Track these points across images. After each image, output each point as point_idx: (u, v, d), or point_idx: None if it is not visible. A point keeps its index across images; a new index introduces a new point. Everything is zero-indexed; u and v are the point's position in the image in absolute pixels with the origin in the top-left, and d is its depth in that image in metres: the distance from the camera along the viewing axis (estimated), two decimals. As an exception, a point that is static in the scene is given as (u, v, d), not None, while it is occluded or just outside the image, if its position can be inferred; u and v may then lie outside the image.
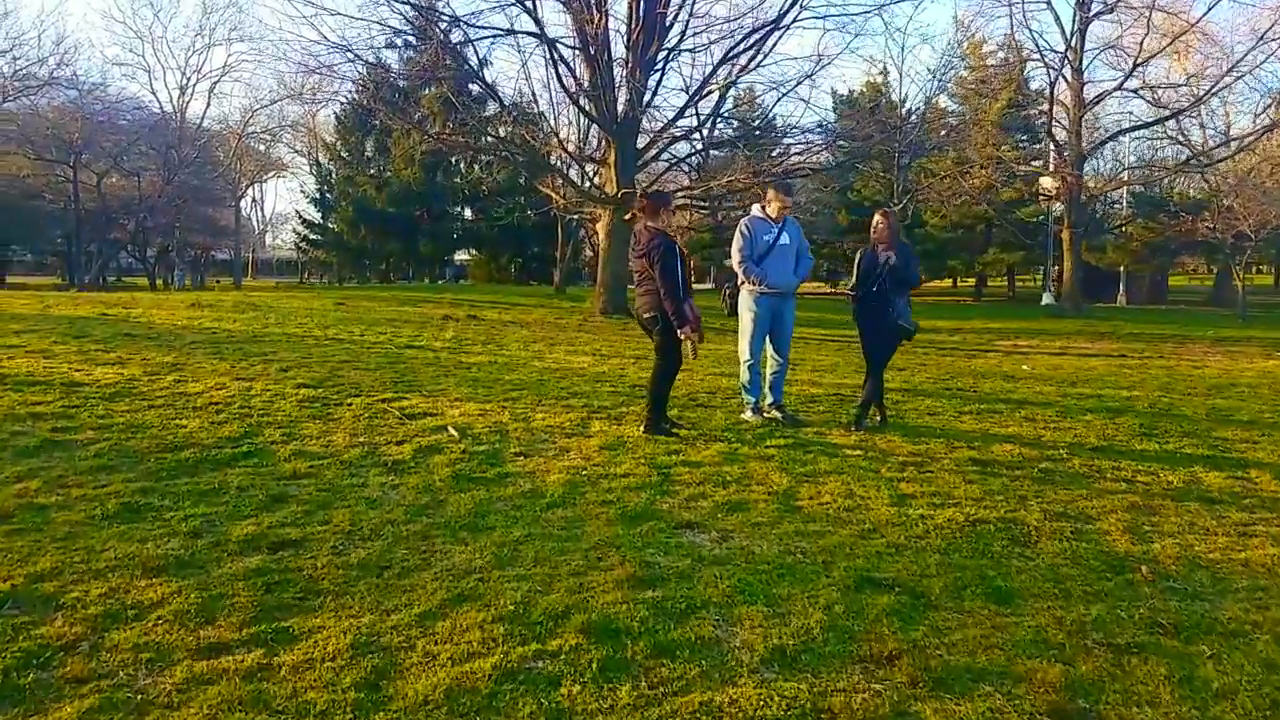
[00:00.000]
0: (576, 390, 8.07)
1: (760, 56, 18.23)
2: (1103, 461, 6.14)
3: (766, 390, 7.09)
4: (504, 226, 35.15)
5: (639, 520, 4.47)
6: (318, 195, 43.74)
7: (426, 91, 30.63)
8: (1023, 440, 6.78)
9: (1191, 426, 7.67)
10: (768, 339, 6.99)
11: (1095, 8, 22.65)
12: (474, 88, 23.59)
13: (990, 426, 7.31)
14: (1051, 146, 22.83)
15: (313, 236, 43.93)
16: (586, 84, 18.00)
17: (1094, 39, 23.63)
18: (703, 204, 28.62)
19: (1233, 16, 49.17)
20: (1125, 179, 27.22)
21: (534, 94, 22.69)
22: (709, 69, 18.92)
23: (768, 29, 17.98)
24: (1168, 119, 22.63)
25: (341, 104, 38.82)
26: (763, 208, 6.99)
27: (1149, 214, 35.46)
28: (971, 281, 48.60)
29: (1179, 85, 21.82)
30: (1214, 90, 21.68)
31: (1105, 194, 27.53)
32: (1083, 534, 4.60)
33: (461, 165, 39.18)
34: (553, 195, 21.43)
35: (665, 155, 21.66)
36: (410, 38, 23.71)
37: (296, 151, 54.76)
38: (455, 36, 18.37)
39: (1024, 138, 37.57)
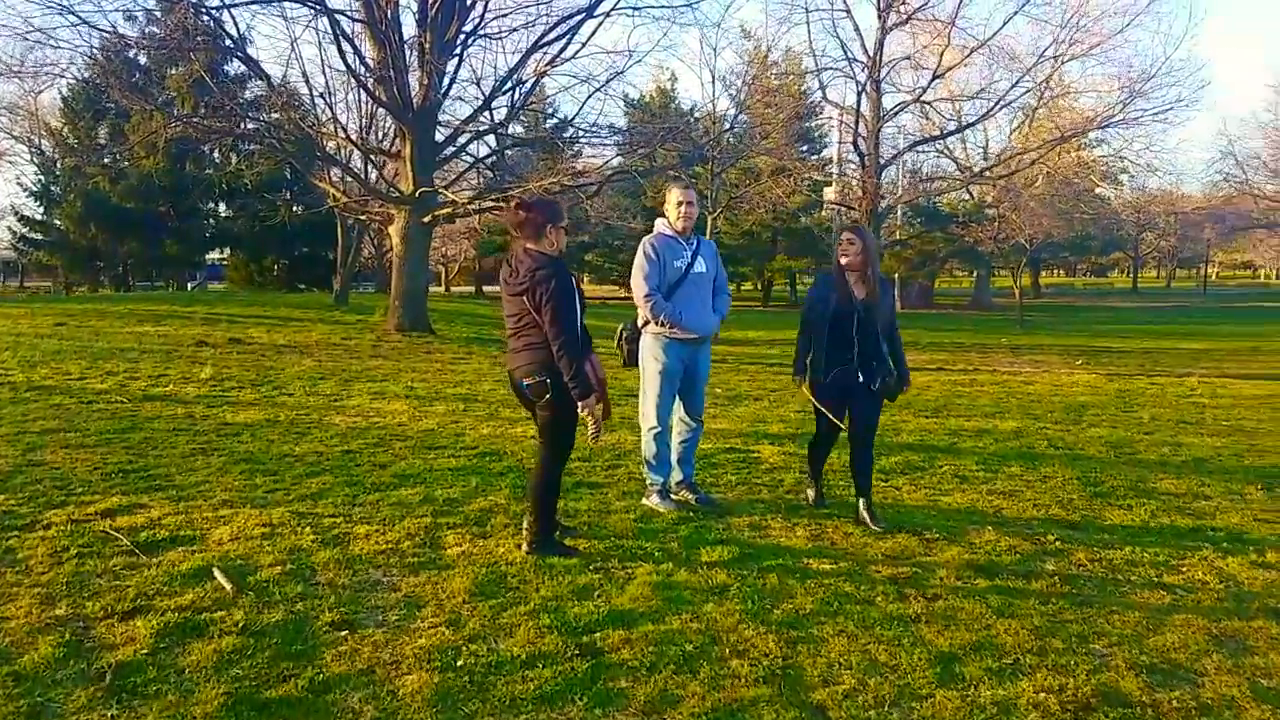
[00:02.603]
0: (404, 468, 5.88)
1: (578, 47, 16.48)
2: (1107, 552, 4.85)
3: (675, 464, 5.31)
4: (268, 224, 31.24)
5: (591, 789, 2.51)
6: (39, 188, 37.57)
7: (173, 70, 26.52)
8: (989, 518, 5.43)
9: (1123, 476, 6.76)
10: (677, 398, 5.21)
11: (893, 18, 22.69)
12: (232, 67, 20.24)
13: (935, 495, 5.93)
14: (856, 157, 22.65)
15: (32, 235, 37.61)
16: (375, 65, 15.45)
17: (889, 52, 23.74)
18: (499, 205, 26.64)
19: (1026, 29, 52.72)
20: (919, 190, 27.90)
21: (305, 74, 19.75)
22: (517, 57, 16.93)
23: (581, 16, 16.24)
24: (965, 129, 23.16)
25: (69, 83, 33.16)
26: (668, 222, 5.18)
27: (926, 225, 37.31)
28: (750, 286, 49.76)
29: (975, 97, 22.24)
30: (1000, 105, 22.27)
31: (896, 205, 28.12)
32: (1214, 713, 3.16)
33: (216, 155, 34.64)
34: (332, 191, 18.62)
35: (464, 153, 19.44)
36: (153, 6, 20.10)
37: (14, 137, 46.82)
38: (211, 1, 15.20)
39: (804, 147, 38.56)
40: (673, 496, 5.24)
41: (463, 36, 16.24)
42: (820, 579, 4.16)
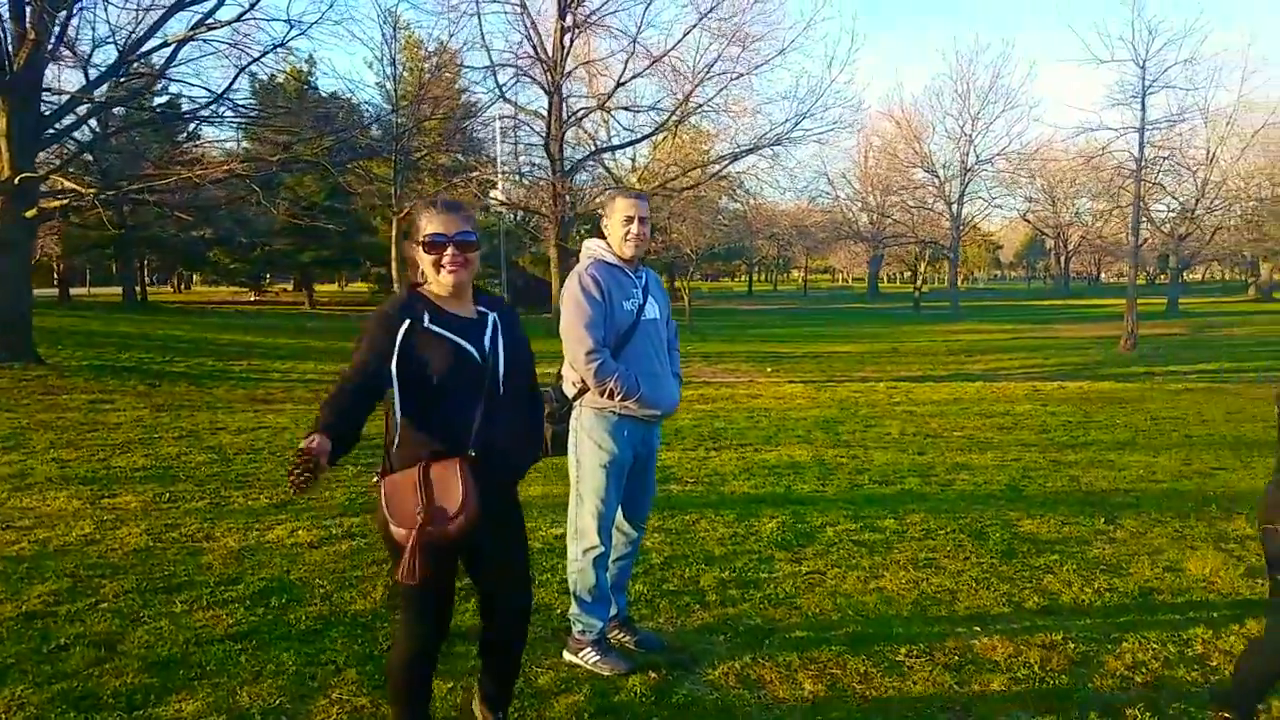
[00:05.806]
0: (149, 644, 3.51)
1: (241, 10, 13.53)
2: (1127, 652, 4.06)
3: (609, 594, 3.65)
4: None
5: None
6: None
7: None
8: (959, 613, 4.47)
9: (987, 520, 6.28)
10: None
11: (571, 20, 22.08)
12: None
13: (868, 579, 4.85)
14: (546, 161, 21.75)
15: None
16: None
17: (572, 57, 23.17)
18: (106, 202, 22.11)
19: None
20: (598, 200, 27.72)
21: None
22: (147, 15, 13.50)
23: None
24: (648, 137, 23.15)
25: None
26: (607, 245, 3.50)
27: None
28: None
29: (651, 109, 22.31)
30: (679, 115, 22.55)
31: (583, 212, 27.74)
32: None
33: None
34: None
35: (74, 133, 15.33)
36: None
37: None
38: None
39: (466, 148, 37.28)
40: (610, 642, 3.58)
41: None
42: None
